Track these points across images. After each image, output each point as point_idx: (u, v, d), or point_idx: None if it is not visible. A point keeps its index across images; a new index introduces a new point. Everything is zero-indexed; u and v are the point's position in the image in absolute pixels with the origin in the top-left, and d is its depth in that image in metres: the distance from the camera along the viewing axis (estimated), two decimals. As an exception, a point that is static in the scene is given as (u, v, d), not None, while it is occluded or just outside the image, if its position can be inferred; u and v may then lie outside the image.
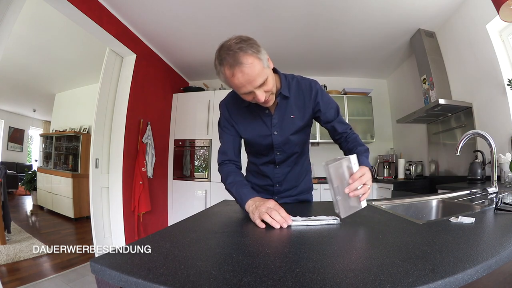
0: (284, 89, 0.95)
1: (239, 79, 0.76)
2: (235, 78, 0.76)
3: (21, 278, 2.04)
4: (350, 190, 0.69)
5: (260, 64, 0.76)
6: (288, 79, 0.98)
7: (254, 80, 0.76)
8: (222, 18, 2.55)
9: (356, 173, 0.71)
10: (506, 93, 1.94)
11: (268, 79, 0.80)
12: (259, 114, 0.98)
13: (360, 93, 3.78)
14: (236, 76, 0.75)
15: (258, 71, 0.76)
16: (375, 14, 2.50)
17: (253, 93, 0.80)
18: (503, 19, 1.59)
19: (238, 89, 0.80)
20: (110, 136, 2.72)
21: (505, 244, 0.51)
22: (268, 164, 1.08)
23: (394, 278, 0.37)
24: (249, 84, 0.77)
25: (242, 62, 0.73)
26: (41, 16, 2.66)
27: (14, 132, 7.25)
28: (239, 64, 0.73)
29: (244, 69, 0.74)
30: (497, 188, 1.15)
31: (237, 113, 1.01)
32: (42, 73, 4.32)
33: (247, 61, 0.74)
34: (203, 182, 3.42)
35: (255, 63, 0.75)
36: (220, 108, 1.05)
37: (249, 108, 0.98)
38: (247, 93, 0.81)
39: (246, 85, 0.77)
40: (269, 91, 0.84)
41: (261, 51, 0.78)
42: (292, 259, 0.47)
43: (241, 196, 0.84)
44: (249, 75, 0.75)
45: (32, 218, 4.31)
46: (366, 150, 0.92)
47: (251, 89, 0.79)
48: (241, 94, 0.83)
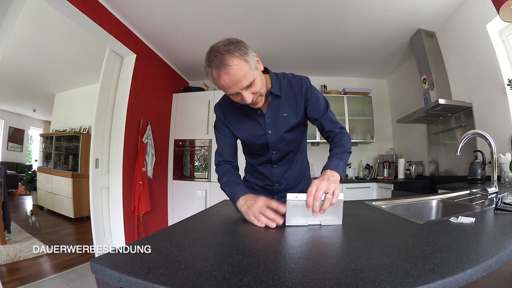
0: (275, 88, 0.95)
1: (225, 80, 0.77)
2: (221, 80, 0.77)
3: (21, 278, 2.04)
4: (314, 211, 0.69)
5: (246, 66, 0.77)
6: (279, 78, 0.99)
7: (239, 81, 0.78)
8: (222, 18, 2.55)
9: (308, 191, 0.70)
10: (506, 93, 1.94)
11: (255, 81, 0.81)
12: (252, 114, 0.99)
13: (360, 93, 3.78)
14: (222, 77, 0.77)
15: (244, 73, 0.77)
16: (375, 14, 2.50)
17: (240, 94, 0.81)
18: (503, 19, 1.59)
19: (225, 90, 0.81)
20: (110, 136, 2.72)
21: (505, 244, 0.51)
22: (265, 164, 1.08)
23: (394, 278, 0.37)
24: (235, 85, 0.78)
25: (227, 64, 0.75)
26: (41, 16, 2.66)
27: (14, 132, 7.25)
28: (225, 66, 0.75)
29: (229, 70, 0.75)
30: (497, 188, 1.15)
31: (231, 114, 1.02)
32: (42, 73, 4.32)
33: (233, 63, 0.75)
34: (203, 182, 3.42)
35: (241, 65, 0.76)
36: (215, 111, 1.06)
37: (242, 109, 0.99)
38: (234, 94, 0.82)
39: (232, 86, 0.79)
40: (257, 93, 0.84)
41: (249, 53, 0.79)
42: (292, 259, 0.47)
43: (233, 195, 0.86)
44: (234, 77, 0.76)
45: (32, 218, 4.31)
46: (344, 151, 0.89)
47: (238, 90, 0.80)
48: (229, 95, 0.84)
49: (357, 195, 3.24)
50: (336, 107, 3.62)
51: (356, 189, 3.32)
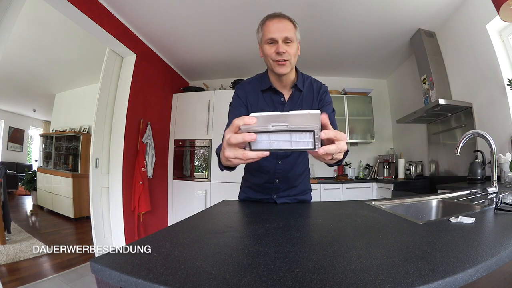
0: (299, 82, 1.03)
1: (273, 24, 0.92)
2: (270, 23, 0.93)
3: (21, 278, 2.04)
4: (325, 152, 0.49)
5: (293, 29, 0.94)
6: (304, 76, 1.07)
7: (284, 30, 0.92)
8: (222, 18, 2.55)
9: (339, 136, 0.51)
10: (506, 93, 1.94)
11: (293, 44, 0.94)
12: (273, 100, 1.05)
13: (360, 93, 3.78)
14: (272, 21, 0.93)
15: (289, 28, 0.93)
16: (375, 14, 2.50)
17: (277, 44, 0.92)
18: (503, 19, 1.59)
19: (268, 33, 0.93)
20: (110, 136, 2.72)
21: (505, 244, 0.51)
22: (271, 159, 1.08)
23: (394, 278, 0.37)
24: (279, 31, 0.91)
25: (281, 17, 0.94)
26: (41, 16, 2.66)
27: (14, 132, 7.25)
28: (279, 16, 0.94)
29: (281, 19, 0.93)
30: (497, 188, 1.15)
31: (254, 96, 1.06)
32: (42, 73, 4.32)
33: (285, 19, 0.94)
34: (203, 182, 3.42)
35: (291, 25, 0.94)
36: (237, 90, 1.09)
37: (265, 93, 1.05)
38: (271, 42, 0.93)
39: (276, 32, 0.92)
40: (290, 54, 0.93)
41: (298, 29, 0.97)
42: (292, 259, 0.47)
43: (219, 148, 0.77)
44: (282, 25, 0.92)
45: (32, 218, 4.30)
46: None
47: (278, 38, 0.91)
48: (267, 40, 0.93)
49: (357, 195, 3.24)
50: (336, 107, 3.59)
51: (356, 189, 3.32)
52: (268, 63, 0.97)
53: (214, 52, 3.25)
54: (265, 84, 1.04)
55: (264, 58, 0.99)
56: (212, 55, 3.34)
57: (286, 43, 0.93)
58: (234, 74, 3.91)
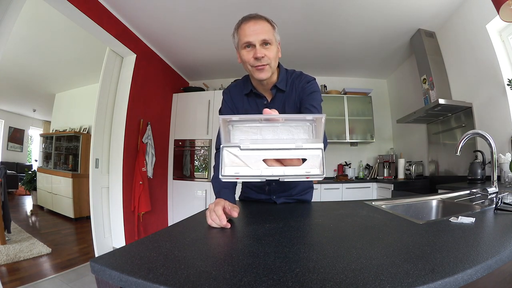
0: (280, 82, 0.99)
1: (249, 27, 0.87)
2: (246, 26, 0.87)
3: (21, 278, 2.04)
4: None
5: (271, 29, 0.89)
6: (288, 74, 1.02)
7: (260, 33, 0.86)
8: (222, 18, 2.55)
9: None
10: (506, 93, 1.94)
11: (272, 47, 0.89)
12: (257, 103, 1.02)
13: (360, 93, 3.78)
14: (248, 24, 0.87)
15: (266, 30, 0.88)
16: (375, 14, 2.50)
17: (254, 48, 0.87)
18: (503, 19, 1.59)
19: (244, 36, 0.87)
20: (110, 136, 2.72)
21: (505, 244, 0.51)
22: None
23: (394, 278, 0.37)
24: (255, 34, 0.86)
25: (257, 18, 0.88)
26: (41, 16, 2.66)
27: (14, 132, 7.25)
28: (255, 18, 0.88)
29: (257, 21, 0.88)
30: (497, 188, 1.15)
31: (238, 99, 1.05)
32: (42, 73, 4.32)
33: (261, 20, 0.88)
34: (203, 182, 3.42)
35: (268, 26, 0.89)
36: (223, 95, 1.08)
37: (249, 96, 1.03)
38: (249, 46, 0.88)
39: (252, 35, 0.86)
40: (269, 58, 0.89)
41: (276, 29, 0.92)
42: (292, 259, 0.47)
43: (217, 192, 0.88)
44: (259, 27, 0.87)
45: (32, 218, 4.30)
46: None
47: (255, 41, 0.86)
48: (243, 45, 0.89)
49: (357, 195, 3.24)
50: (336, 107, 3.62)
51: (356, 189, 3.32)
52: (247, 69, 0.93)
53: (214, 52, 3.25)
54: (246, 88, 1.02)
55: (243, 64, 0.94)
56: (212, 55, 3.34)
57: (265, 46, 0.88)
58: (234, 74, 3.91)
